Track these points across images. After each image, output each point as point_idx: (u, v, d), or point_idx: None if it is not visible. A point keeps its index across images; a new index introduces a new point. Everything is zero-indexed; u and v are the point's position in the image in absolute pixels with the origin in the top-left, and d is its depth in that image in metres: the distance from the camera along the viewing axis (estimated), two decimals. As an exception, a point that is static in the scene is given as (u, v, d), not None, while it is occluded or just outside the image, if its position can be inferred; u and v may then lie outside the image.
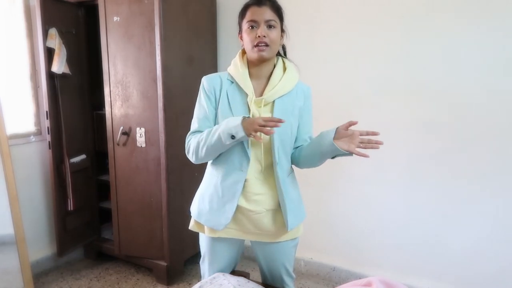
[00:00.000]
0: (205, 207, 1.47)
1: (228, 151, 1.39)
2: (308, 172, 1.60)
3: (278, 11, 1.38)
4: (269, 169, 1.41)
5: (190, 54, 2.48)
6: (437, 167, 2.19)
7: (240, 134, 1.25)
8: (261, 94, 1.41)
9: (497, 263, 2.10)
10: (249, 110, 1.38)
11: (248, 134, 1.25)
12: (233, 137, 1.27)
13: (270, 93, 1.39)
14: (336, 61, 2.38)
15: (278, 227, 1.46)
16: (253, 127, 1.24)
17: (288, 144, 1.43)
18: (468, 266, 2.17)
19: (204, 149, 1.35)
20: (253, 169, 1.41)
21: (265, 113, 1.40)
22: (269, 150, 1.39)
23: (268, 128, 1.23)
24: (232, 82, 1.43)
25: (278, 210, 1.44)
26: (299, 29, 2.42)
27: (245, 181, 1.40)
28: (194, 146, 1.39)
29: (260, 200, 1.42)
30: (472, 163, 2.10)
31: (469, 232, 2.15)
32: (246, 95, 1.40)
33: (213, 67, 2.72)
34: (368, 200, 2.41)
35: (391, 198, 2.34)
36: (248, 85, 1.40)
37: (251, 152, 1.39)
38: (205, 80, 1.45)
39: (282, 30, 1.42)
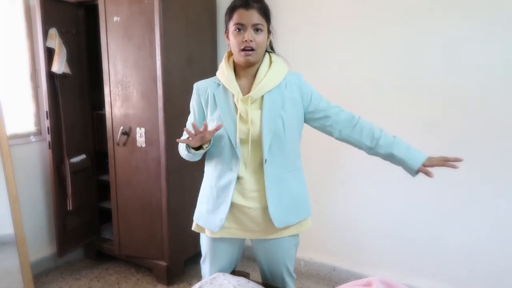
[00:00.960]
0: (203, 209, 1.51)
1: (219, 152, 1.43)
2: (308, 172, 1.60)
3: (265, 13, 1.38)
4: (263, 166, 1.42)
5: (190, 54, 2.48)
6: (437, 167, 2.18)
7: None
8: (249, 92, 1.42)
9: (497, 263, 2.10)
10: (237, 109, 1.39)
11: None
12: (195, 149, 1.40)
13: (256, 89, 1.40)
14: (336, 60, 2.38)
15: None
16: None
17: (285, 138, 1.41)
18: (468, 266, 2.17)
19: (184, 156, 1.49)
20: (247, 167, 1.42)
21: (254, 110, 1.40)
22: (260, 147, 1.40)
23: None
24: (219, 85, 1.46)
25: None
26: (299, 29, 2.42)
27: (241, 179, 1.42)
28: (179, 150, 1.51)
29: (256, 196, 1.43)
30: (472, 163, 2.09)
31: (469, 232, 2.15)
32: (233, 95, 1.42)
33: (213, 67, 2.71)
34: (368, 200, 2.41)
35: (391, 198, 2.34)
36: (233, 86, 1.41)
37: (242, 151, 1.41)
38: (194, 87, 1.52)
39: (269, 31, 1.42)
